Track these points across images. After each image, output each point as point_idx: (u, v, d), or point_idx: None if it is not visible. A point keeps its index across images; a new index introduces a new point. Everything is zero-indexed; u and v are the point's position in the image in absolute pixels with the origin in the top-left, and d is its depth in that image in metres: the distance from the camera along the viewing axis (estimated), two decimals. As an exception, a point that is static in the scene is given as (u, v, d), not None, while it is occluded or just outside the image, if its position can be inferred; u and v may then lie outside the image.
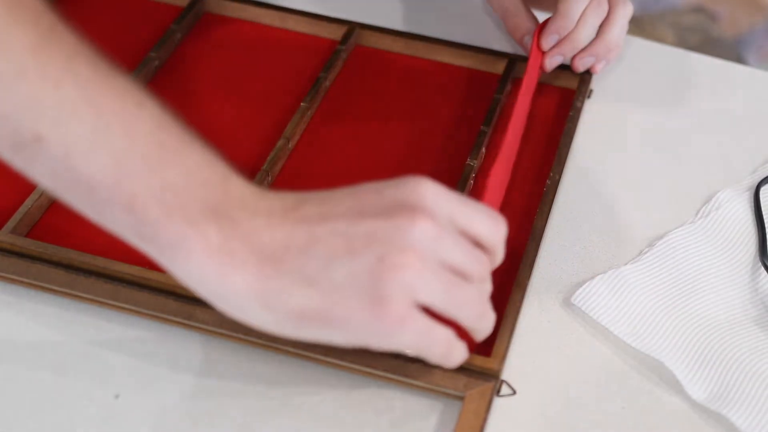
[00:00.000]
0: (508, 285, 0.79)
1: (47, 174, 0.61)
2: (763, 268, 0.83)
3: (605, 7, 0.94)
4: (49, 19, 0.60)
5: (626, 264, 0.82)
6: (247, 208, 0.62)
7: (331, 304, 0.61)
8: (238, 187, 0.63)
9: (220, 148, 0.88)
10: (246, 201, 0.63)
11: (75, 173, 0.60)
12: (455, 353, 0.68)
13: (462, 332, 0.69)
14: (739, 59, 2.09)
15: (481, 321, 0.68)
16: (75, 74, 0.59)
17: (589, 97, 0.97)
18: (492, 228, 0.67)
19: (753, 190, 0.89)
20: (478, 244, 0.67)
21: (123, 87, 0.61)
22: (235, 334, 0.74)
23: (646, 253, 0.83)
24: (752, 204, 0.88)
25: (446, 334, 0.66)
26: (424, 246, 0.62)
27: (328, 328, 0.62)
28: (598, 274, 0.81)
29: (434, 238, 0.63)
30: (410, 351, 0.66)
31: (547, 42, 0.94)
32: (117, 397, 0.72)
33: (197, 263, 0.61)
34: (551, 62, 0.95)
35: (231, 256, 0.61)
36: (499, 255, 0.68)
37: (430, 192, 0.64)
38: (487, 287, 0.68)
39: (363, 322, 0.61)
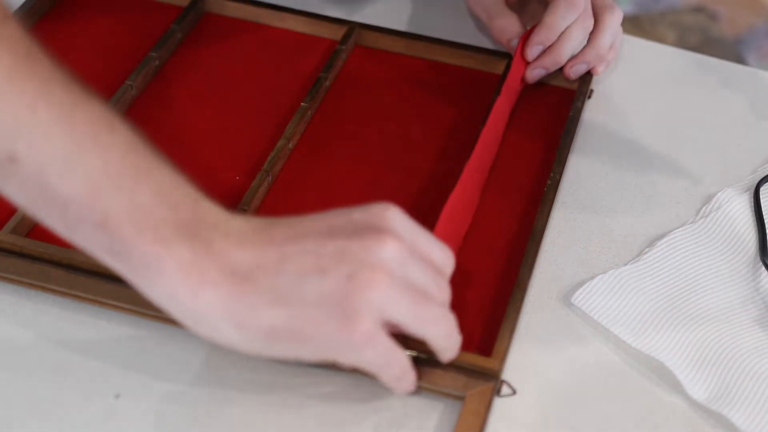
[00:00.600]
0: (509, 285, 0.80)
1: (20, 192, 0.62)
2: (763, 267, 0.83)
3: (591, 22, 0.95)
4: (25, 44, 0.62)
5: (626, 264, 0.83)
6: (218, 229, 0.63)
7: (301, 321, 0.62)
8: (208, 209, 0.64)
9: (220, 148, 0.89)
10: (217, 222, 0.64)
11: (48, 193, 0.61)
12: (407, 380, 0.69)
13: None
14: (739, 59, 2.09)
15: (448, 340, 0.69)
16: (49, 98, 0.61)
17: (589, 97, 0.97)
18: (444, 260, 0.69)
19: (753, 190, 0.89)
20: None
21: (96, 111, 0.63)
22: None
23: (646, 253, 0.83)
24: (752, 203, 0.88)
25: (404, 358, 0.68)
26: (391, 265, 0.64)
27: (298, 344, 0.63)
28: (598, 274, 0.81)
29: (401, 259, 0.64)
30: (369, 368, 0.66)
31: (531, 53, 0.94)
32: (117, 397, 0.72)
33: (169, 281, 0.61)
34: (532, 74, 0.95)
35: (202, 275, 0.61)
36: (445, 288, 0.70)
37: (396, 216, 0.66)
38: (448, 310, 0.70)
39: (332, 338, 0.62)
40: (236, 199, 0.84)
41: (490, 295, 0.80)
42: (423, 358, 0.73)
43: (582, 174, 0.91)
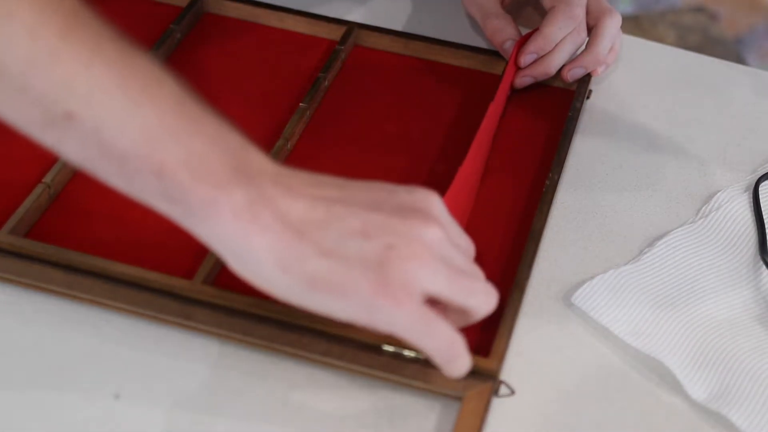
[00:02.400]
0: (508, 285, 0.80)
1: (77, 150, 0.64)
2: (763, 266, 0.83)
3: (584, 35, 0.95)
4: (71, 4, 0.63)
5: (626, 264, 0.83)
6: (267, 176, 0.66)
7: (340, 276, 0.64)
8: (256, 156, 0.67)
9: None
10: (265, 170, 0.66)
11: (105, 147, 0.63)
12: (460, 357, 0.69)
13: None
14: (739, 59, 2.09)
15: (488, 310, 0.70)
16: (103, 55, 0.63)
17: (588, 97, 0.97)
18: (472, 254, 0.72)
19: (752, 189, 0.89)
20: None
21: (145, 65, 0.65)
22: (234, 335, 0.75)
23: (646, 253, 0.84)
24: (752, 202, 0.88)
25: (449, 332, 0.67)
26: (432, 246, 0.67)
27: (334, 298, 0.65)
28: (598, 274, 0.82)
29: (440, 243, 0.67)
30: (405, 335, 0.67)
31: (524, 60, 0.95)
32: (117, 397, 0.72)
33: (224, 224, 0.64)
34: (521, 81, 0.96)
35: (255, 220, 0.64)
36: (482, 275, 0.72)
37: (439, 205, 0.69)
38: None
39: (365, 297, 0.64)
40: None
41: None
42: (421, 358, 0.73)
43: (582, 174, 0.91)
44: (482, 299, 0.69)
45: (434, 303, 0.67)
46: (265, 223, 0.64)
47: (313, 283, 0.65)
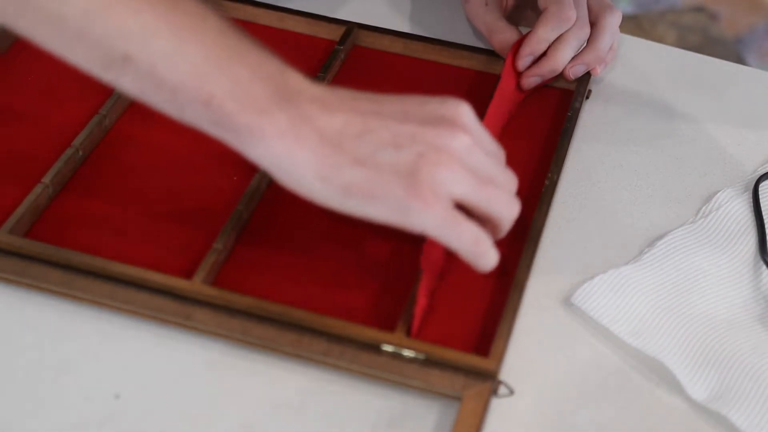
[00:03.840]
0: (507, 285, 0.80)
1: (134, 85, 0.71)
2: (764, 266, 0.84)
3: (587, 30, 0.96)
4: None
5: (626, 264, 0.83)
6: (305, 96, 0.72)
7: (374, 182, 0.71)
8: (295, 78, 0.73)
9: (218, 147, 0.89)
10: (304, 90, 0.72)
11: (159, 81, 0.70)
12: (487, 252, 0.74)
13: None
14: (739, 59, 2.09)
15: (510, 221, 0.76)
16: (149, 1, 0.70)
17: (587, 97, 0.98)
18: (503, 158, 0.78)
19: (752, 188, 0.90)
20: None
21: (189, 4, 0.72)
22: (233, 335, 0.75)
23: (646, 253, 0.84)
24: (752, 203, 0.88)
25: (475, 229, 0.73)
26: (460, 152, 0.72)
27: (369, 202, 0.71)
28: (598, 274, 0.82)
29: (468, 149, 0.73)
30: (435, 234, 0.72)
31: (521, 64, 0.96)
32: (117, 397, 0.73)
33: (269, 145, 0.71)
34: (528, 82, 0.96)
35: (297, 138, 0.71)
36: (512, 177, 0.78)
37: (468, 113, 0.75)
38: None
39: (399, 200, 0.71)
40: (234, 198, 0.85)
41: (487, 296, 0.81)
42: (421, 358, 0.73)
43: (582, 174, 0.92)
44: (504, 207, 0.75)
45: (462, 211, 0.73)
46: (306, 140, 0.71)
47: (349, 189, 0.71)
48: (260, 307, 0.76)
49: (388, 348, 0.74)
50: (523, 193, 0.87)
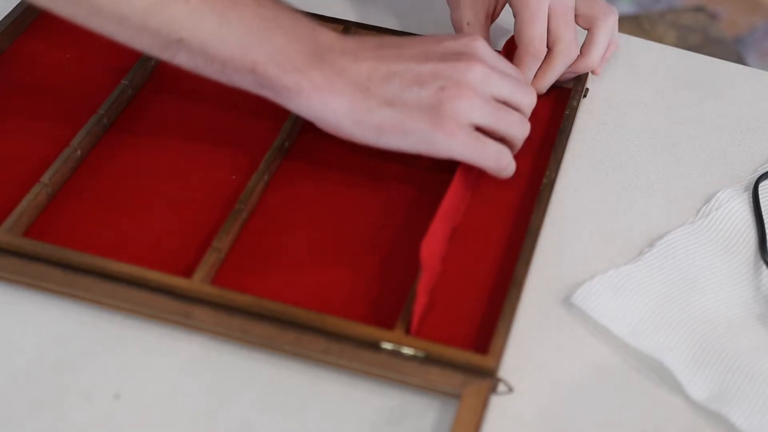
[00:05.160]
0: (506, 284, 0.81)
1: (189, 61, 0.81)
2: (764, 266, 0.84)
3: (574, 52, 0.95)
4: None
5: (626, 264, 0.84)
6: (335, 50, 0.82)
7: (403, 118, 0.81)
8: (324, 34, 0.83)
9: (218, 145, 0.90)
10: (333, 45, 0.83)
11: (210, 57, 0.80)
12: (509, 165, 0.86)
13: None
14: (739, 59, 2.10)
15: (521, 141, 0.87)
16: None
17: (585, 96, 0.98)
18: (521, 76, 0.89)
19: (752, 189, 0.90)
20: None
21: None
22: (233, 333, 0.76)
23: (646, 253, 0.84)
24: (752, 203, 0.89)
25: (496, 146, 0.84)
26: (476, 82, 0.82)
27: (401, 136, 0.82)
28: (598, 274, 0.82)
29: (485, 78, 0.83)
30: (462, 157, 0.83)
31: None
32: (117, 397, 0.73)
33: (307, 98, 0.81)
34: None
35: (332, 89, 0.81)
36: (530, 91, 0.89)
37: (482, 46, 0.85)
38: (530, 110, 0.88)
39: (426, 132, 0.81)
40: (233, 197, 0.86)
41: (486, 294, 0.81)
42: (420, 356, 0.74)
43: (582, 174, 0.92)
44: (517, 128, 0.86)
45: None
46: (340, 89, 0.81)
47: (381, 128, 0.81)
48: (260, 306, 0.76)
49: (387, 346, 0.75)
50: (521, 192, 0.89)
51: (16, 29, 0.99)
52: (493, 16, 0.99)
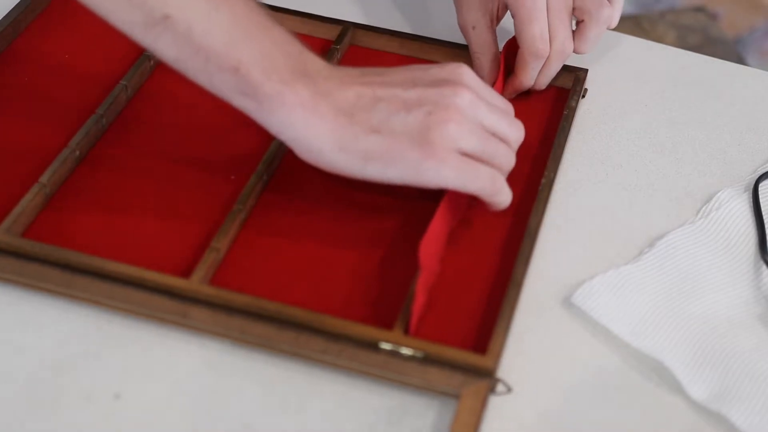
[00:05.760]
0: (504, 283, 0.81)
1: (172, 47, 0.78)
2: (764, 265, 0.85)
3: (570, 49, 0.95)
4: None
5: (626, 264, 0.84)
6: (321, 74, 0.80)
7: (390, 146, 0.78)
8: (313, 58, 0.81)
9: (216, 146, 0.90)
10: (321, 69, 0.80)
11: (195, 45, 0.77)
12: (502, 190, 0.82)
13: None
14: (739, 59, 2.10)
15: (509, 170, 0.84)
16: None
17: (583, 96, 0.99)
18: (508, 108, 0.86)
19: (752, 189, 0.90)
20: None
21: None
22: (232, 333, 0.77)
23: (646, 253, 0.85)
24: (752, 203, 0.89)
25: (489, 170, 0.81)
26: (464, 107, 0.80)
27: (387, 165, 0.79)
28: (598, 274, 0.83)
29: (472, 103, 0.81)
30: (455, 185, 0.79)
31: (507, 97, 0.97)
32: (117, 397, 0.74)
33: (288, 113, 0.77)
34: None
35: (315, 109, 0.78)
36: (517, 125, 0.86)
37: (468, 73, 0.82)
38: (517, 145, 0.85)
39: (414, 161, 0.78)
40: (232, 198, 0.86)
41: (485, 294, 0.81)
42: (419, 356, 0.75)
43: (582, 174, 0.92)
44: (503, 159, 0.82)
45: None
46: (322, 112, 0.78)
47: (367, 156, 0.78)
48: (258, 306, 0.76)
49: (386, 346, 0.75)
50: (520, 191, 0.89)
51: (15, 29, 1.00)
52: (498, 17, 0.98)
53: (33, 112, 0.93)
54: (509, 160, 0.83)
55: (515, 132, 0.84)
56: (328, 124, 0.78)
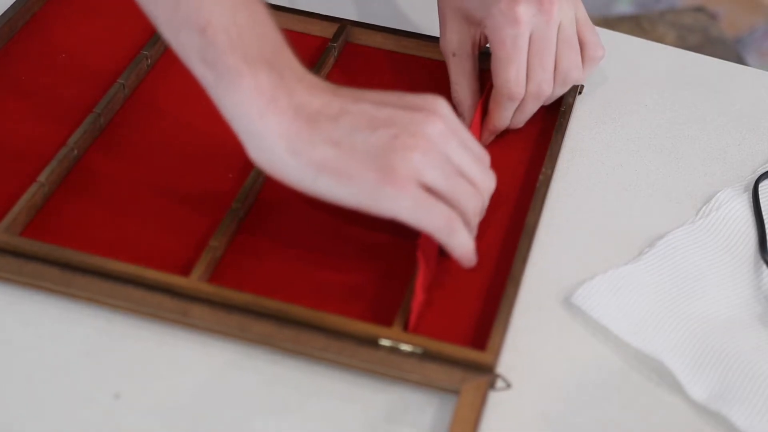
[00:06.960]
0: (503, 281, 0.82)
1: None
2: (764, 265, 0.85)
3: (547, 91, 0.92)
4: None
5: (626, 264, 0.85)
6: (294, 72, 0.76)
7: (347, 161, 0.74)
8: (288, 55, 0.77)
9: (214, 144, 0.91)
10: (293, 67, 0.77)
11: None
12: (458, 233, 0.77)
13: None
14: (739, 59, 2.10)
15: (475, 218, 0.79)
16: None
17: (580, 92, 0.99)
18: (483, 155, 0.80)
19: (752, 189, 0.91)
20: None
21: None
22: (232, 331, 0.77)
23: (646, 253, 0.86)
24: (752, 203, 0.90)
25: (447, 211, 0.76)
26: (434, 137, 0.75)
27: (340, 182, 0.74)
28: (598, 274, 0.83)
29: (442, 135, 0.76)
30: (408, 218, 0.75)
31: (485, 140, 0.94)
32: (117, 397, 0.75)
33: (243, 97, 0.74)
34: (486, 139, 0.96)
35: (274, 102, 0.74)
36: (488, 174, 0.81)
37: (444, 105, 0.78)
38: (488, 195, 0.81)
39: (369, 183, 0.74)
40: (231, 196, 0.86)
41: (484, 290, 0.82)
42: (418, 353, 0.76)
43: (582, 174, 0.93)
44: (470, 200, 0.78)
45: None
46: (281, 108, 0.74)
47: (321, 167, 0.74)
48: (258, 304, 0.77)
49: (385, 343, 0.76)
50: (518, 189, 0.90)
51: (12, 29, 1.00)
52: (480, 44, 0.96)
53: (31, 112, 0.93)
54: (474, 204, 0.79)
55: (487, 180, 0.80)
56: (285, 123, 0.74)
